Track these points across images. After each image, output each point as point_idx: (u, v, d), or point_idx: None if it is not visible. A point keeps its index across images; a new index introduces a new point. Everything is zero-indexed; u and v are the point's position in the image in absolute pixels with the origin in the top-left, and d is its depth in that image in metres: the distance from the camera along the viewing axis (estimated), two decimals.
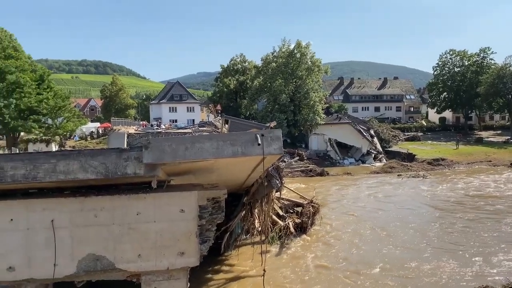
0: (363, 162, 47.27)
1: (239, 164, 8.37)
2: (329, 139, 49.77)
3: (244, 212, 14.07)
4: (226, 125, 25.13)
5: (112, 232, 7.67)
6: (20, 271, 7.40)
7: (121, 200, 7.74)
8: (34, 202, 7.50)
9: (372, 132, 55.09)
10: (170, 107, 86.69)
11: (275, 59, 55.38)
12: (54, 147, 50.47)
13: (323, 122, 51.91)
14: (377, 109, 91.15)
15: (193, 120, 79.81)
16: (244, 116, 63.93)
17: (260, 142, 6.93)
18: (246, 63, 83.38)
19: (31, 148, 49.26)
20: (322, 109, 54.06)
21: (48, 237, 7.43)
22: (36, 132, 47.61)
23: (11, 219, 7.39)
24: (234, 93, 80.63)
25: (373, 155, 48.86)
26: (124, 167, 6.85)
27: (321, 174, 38.76)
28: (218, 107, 76.28)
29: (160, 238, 7.85)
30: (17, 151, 46.44)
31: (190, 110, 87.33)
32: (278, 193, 14.81)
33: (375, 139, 53.16)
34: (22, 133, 51.70)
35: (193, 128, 54.58)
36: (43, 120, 49.23)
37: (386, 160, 47.52)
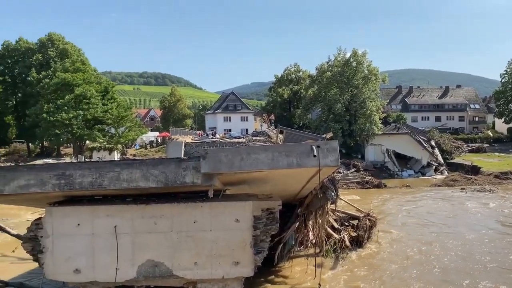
0: (423, 174, 45.20)
1: (294, 175, 8.31)
2: (387, 149, 48.17)
3: (298, 223, 13.90)
4: (281, 135, 25.13)
5: (170, 239, 7.89)
6: (85, 273, 7.80)
7: (179, 208, 7.95)
8: (98, 209, 7.91)
9: (432, 143, 52.62)
10: (224, 117, 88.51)
11: (330, 68, 54.78)
12: (116, 155, 53.15)
13: (381, 132, 50.41)
14: (438, 118, 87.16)
15: (247, 130, 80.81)
16: (297, 126, 63.73)
17: (316, 154, 6.83)
18: (300, 73, 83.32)
19: (95, 155, 52.17)
20: (379, 119, 52.56)
21: (111, 242, 7.79)
22: (100, 140, 50.47)
23: (78, 224, 7.83)
24: (287, 102, 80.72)
25: (433, 167, 46.59)
26: (182, 176, 7.04)
27: (378, 186, 37.56)
28: (272, 116, 76.67)
29: (216, 246, 7.96)
30: (83, 159, 49.49)
31: (244, 120, 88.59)
32: (333, 205, 14.50)
33: (436, 150, 50.71)
34: (87, 142, 55.07)
35: (247, 138, 55.18)
36: (106, 129, 52.16)
37: (448, 172, 45.12)
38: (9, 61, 62.74)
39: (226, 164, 6.96)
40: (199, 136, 70.49)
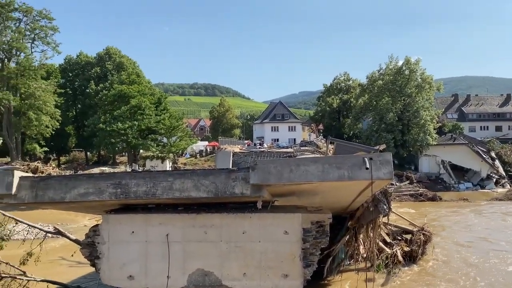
0: (482, 187, 42.72)
1: (345, 188, 8.13)
2: (442, 161, 46.11)
3: (348, 236, 13.56)
4: (331, 146, 24.78)
5: (219, 249, 7.96)
6: (138, 280, 8.03)
7: (229, 218, 8.02)
8: (152, 217, 8.14)
9: (493, 154, 49.75)
10: (272, 127, 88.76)
11: (381, 77, 53.58)
12: (168, 164, 54.77)
13: (435, 143, 48.42)
14: (498, 128, 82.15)
15: (294, 139, 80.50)
16: (347, 136, 62.65)
17: (368, 166, 6.64)
18: (350, 82, 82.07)
19: (148, 164, 54.07)
20: (434, 129, 50.52)
21: (163, 250, 7.98)
22: (153, 149, 52.27)
23: (133, 232, 8.10)
24: (337, 112, 79.60)
25: (494, 179, 43.93)
26: (232, 187, 7.09)
27: (432, 199, 35.95)
28: (320, 126, 75.91)
29: (265, 258, 7.92)
30: (137, 167, 51.47)
31: (292, 130, 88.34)
32: (385, 218, 14.01)
33: (497, 162, 47.87)
34: (141, 151, 57.25)
35: (295, 148, 54.91)
36: (159, 139, 53.98)
37: (510, 185, 42.33)
38: (71, 74, 66.99)
39: (275, 175, 6.93)
40: (247, 145, 71.11)
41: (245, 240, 7.96)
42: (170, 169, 51.52)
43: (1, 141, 57.81)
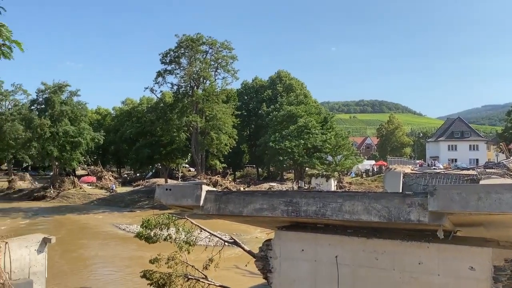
0: None
1: None
2: None
3: None
4: None
5: (392, 277, 7.46)
6: None
7: (402, 246, 7.47)
8: (321, 237, 8.15)
9: None
10: (449, 145, 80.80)
11: None
12: (333, 182, 54.76)
13: None
14: None
15: (477, 160, 71.41)
16: None
17: None
18: None
19: (314, 182, 55.01)
20: None
21: (331, 271, 7.89)
22: (319, 168, 53.05)
23: (302, 250, 8.25)
24: None
25: None
26: (407, 213, 6.61)
27: None
28: (511, 145, 65.50)
29: None
30: (303, 184, 52.95)
31: (473, 149, 78.77)
32: None
33: None
34: (307, 168, 58.75)
35: (478, 170, 48.51)
36: (324, 157, 54.58)
37: None
38: (246, 98, 73.76)
39: (459, 203, 6.19)
40: (419, 166, 66.07)
41: (421, 271, 7.28)
42: (335, 187, 51.39)
43: (190, 156, 67.05)
